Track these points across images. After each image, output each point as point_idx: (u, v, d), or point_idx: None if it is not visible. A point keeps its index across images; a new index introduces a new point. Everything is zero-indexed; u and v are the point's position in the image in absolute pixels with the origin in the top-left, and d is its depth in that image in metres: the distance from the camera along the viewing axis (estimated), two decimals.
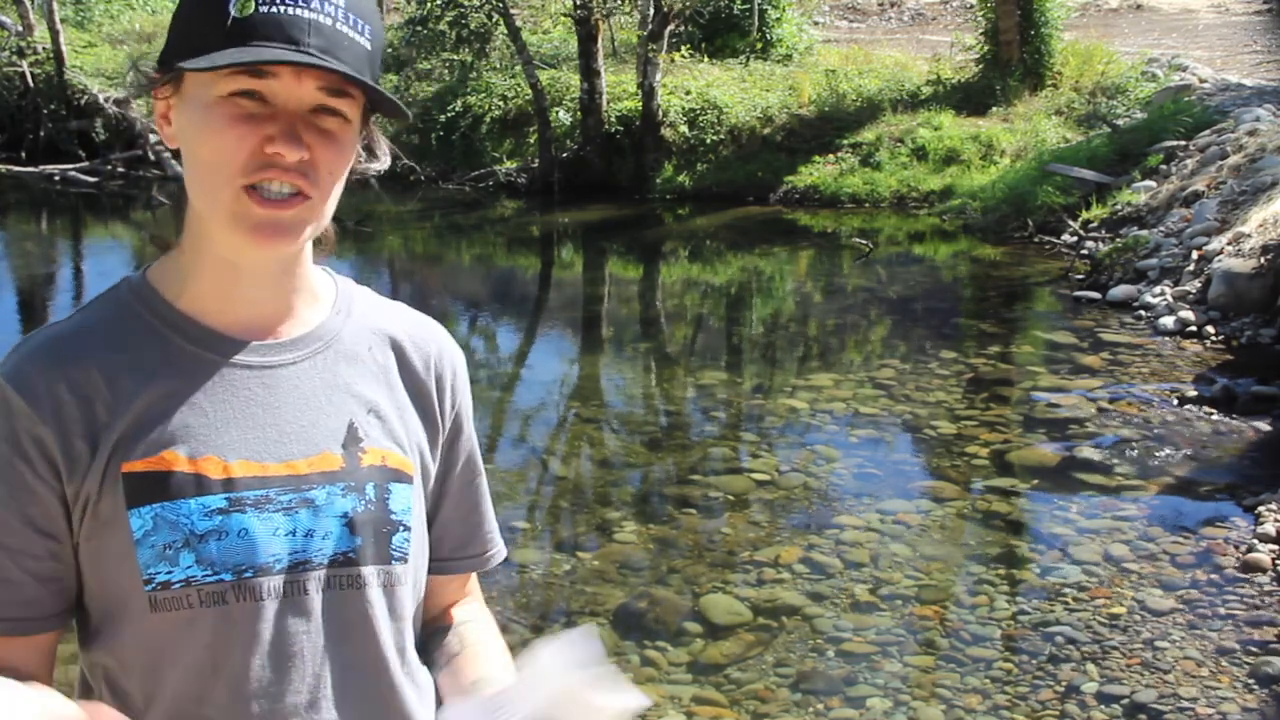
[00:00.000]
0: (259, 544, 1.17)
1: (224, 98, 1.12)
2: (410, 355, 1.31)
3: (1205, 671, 4.04)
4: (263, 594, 1.17)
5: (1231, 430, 6.25)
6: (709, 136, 14.02)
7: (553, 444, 6.56)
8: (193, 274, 1.22)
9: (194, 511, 1.15)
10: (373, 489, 1.23)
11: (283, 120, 1.12)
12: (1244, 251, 8.38)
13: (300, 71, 1.11)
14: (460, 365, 1.37)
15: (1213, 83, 14.38)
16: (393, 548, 1.24)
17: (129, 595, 1.15)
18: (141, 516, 1.14)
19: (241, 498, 1.17)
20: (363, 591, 1.22)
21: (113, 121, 15.51)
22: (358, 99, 1.16)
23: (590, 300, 10.70)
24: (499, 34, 15.93)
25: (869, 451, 6.15)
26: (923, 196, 12.86)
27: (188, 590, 1.15)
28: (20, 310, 9.96)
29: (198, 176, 1.15)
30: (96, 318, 1.22)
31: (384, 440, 1.25)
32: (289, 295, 1.24)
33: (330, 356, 1.26)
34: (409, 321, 1.34)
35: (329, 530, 1.20)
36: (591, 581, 4.70)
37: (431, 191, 14.45)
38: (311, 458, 1.21)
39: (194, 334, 1.21)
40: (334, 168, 1.16)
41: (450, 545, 1.37)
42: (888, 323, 9.05)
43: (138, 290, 1.23)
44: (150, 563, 1.14)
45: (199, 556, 1.15)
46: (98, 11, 19.63)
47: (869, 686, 4.01)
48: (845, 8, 22.67)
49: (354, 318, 1.30)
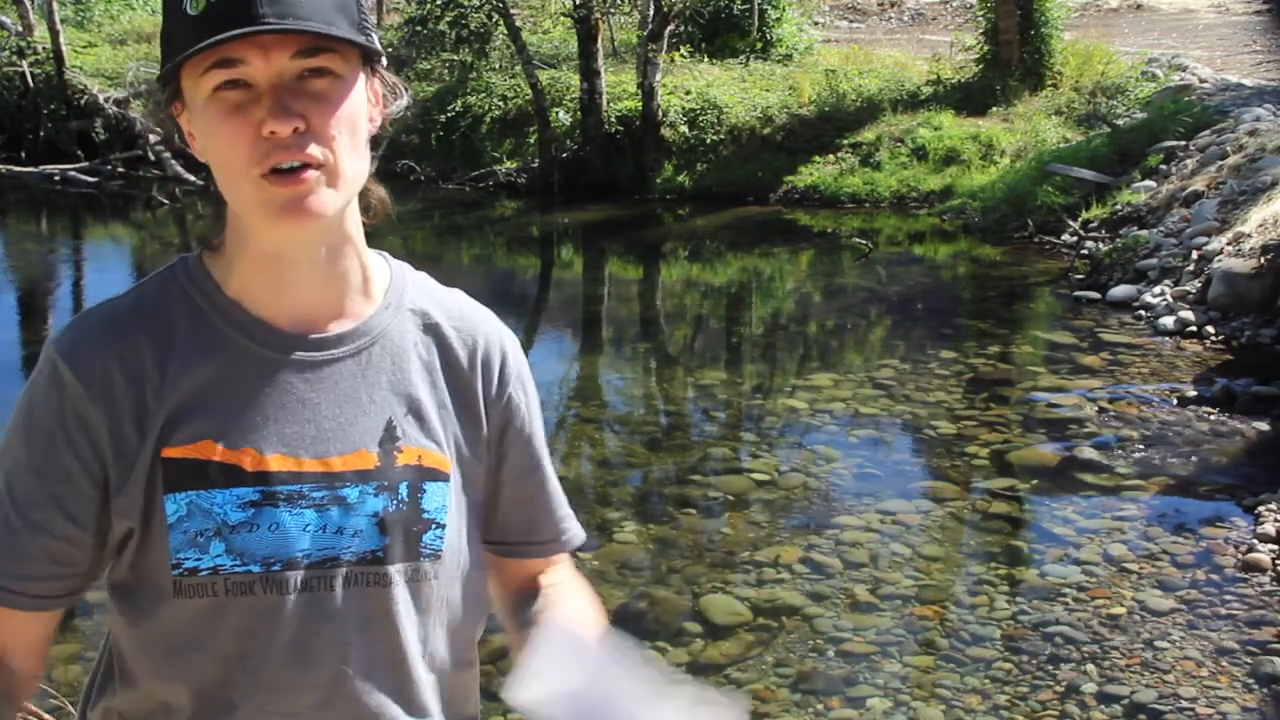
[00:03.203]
0: (289, 538, 1.18)
1: (212, 96, 1.12)
2: (455, 350, 1.31)
3: (1205, 671, 4.04)
4: (289, 587, 1.18)
5: (1231, 430, 6.25)
6: (709, 136, 14.02)
7: (553, 444, 6.51)
8: (240, 267, 1.22)
9: (228, 502, 1.16)
10: (406, 488, 1.24)
11: (267, 99, 1.11)
12: (1244, 251, 8.38)
13: (267, 50, 1.10)
14: (513, 355, 1.36)
15: (1213, 83, 14.37)
16: (423, 544, 1.25)
17: (156, 577, 1.17)
18: (176, 502, 1.16)
19: (275, 492, 1.18)
20: (388, 589, 1.23)
21: (113, 121, 15.49)
22: (343, 50, 1.14)
23: (590, 300, 10.70)
24: (499, 34, 15.93)
25: (869, 451, 6.15)
26: (923, 196, 12.86)
27: (214, 578, 1.16)
28: (20, 310, 9.96)
29: (221, 176, 1.16)
30: (149, 297, 1.22)
31: (421, 439, 1.26)
32: (337, 285, 1.24)
33: (375, 353, 1.26)
34: (459, 313, 1.33)
35: (359, 528, 1.21)
36: (591, 581, 4.68)
37: (431, 191, 14.44)
38: (347, 455, 1.22)
39: (242, 323, 1.21)
40: (338, 125, 1.14)
41: (515, 533, 1.39)
42: (888, 323, 9.05)
43: (191, 273, 1.24)
44: (180, 548, 1.15)
45: (229, 546, 1.16)
46: (98, 11, 19.62)
47: (869, 686, 4.01)
48: (845, 8, 22.66)
49: (402, 311, 1.29)
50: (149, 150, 14.56)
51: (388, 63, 1.25)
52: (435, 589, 1.27)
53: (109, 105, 15.47)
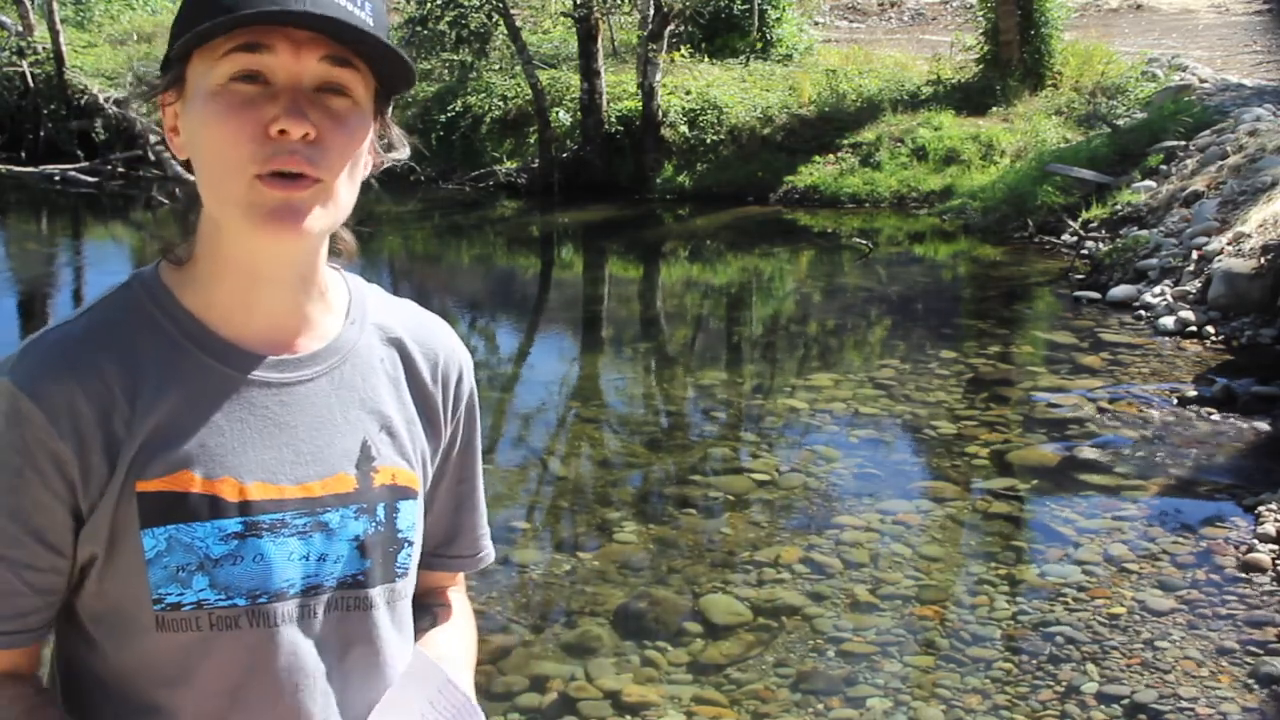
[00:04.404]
0: (274, 569, 1.15)
1: (224, 85, 1.09)
2: (418, 363, 1.29)
3: (1205, 671, 4.04)
4: (276, 619, 1.16)
5: (1231, 430, 6.25)
6: (709, 136, 14.02)
7: (553, 444, 6.56)
8: (209, 283, 1.18)
9: (209, 535, 1.13)
10: (383, 509, 1.22)
11: (284, 98, 1.08)
12: (1244, 251, 8.38)
13: (299, 45, 1.08)
14: (467, 369, 1.35)
15: (1213, 83, 14.37)
16: (397, 565, 1.24)
17: (135, 612, 1.14)
18: (155, 537, 1.12)
19: (258, 522, 1.15)
20: (369, 613, 1.22)
21: (113, 121, 15.50)
22: (364, 73, 1.12)
23: (590, 300, 10.70)
24: (499, 34, 15.93)
25: (869, 451, 6.14)
26: (923, 196, 12.86)
27: (198, 613, 1.13)
28: (20, 310, 9.96)
29: (208, 172, 1.11)
30: (109, 319, 1.16)
31: (394, 457, 1.24)
32: (306, 305, 1.21)
33: (346, 371, 1.23)
34: (417, 325, 1.32)
35: (340, 554, 1.19)
36: (591, 581, 4.70)
37: (431, 191, 14.44)
38: (326, 479, 1.19)
39: (211, 346, 1.17)
40: (345, 150, 1.11)
41: (433, 543, 1.36)
42: (888, 323, 9.05)
43: (151, 292, 1.18)
44: (161, 583, 1.12)
45: (213, 580, 1.13)
46: (98, 11, 19.62)
47: (869, 686, 4.01)
48: (845, 8, 22.66)
49: (367, 326, 1.27)
50: (149, 150, 14.56)
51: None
52: (405, 607, 1.27)
53: (109, 105, 15.48)
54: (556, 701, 3.94)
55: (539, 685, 4.01)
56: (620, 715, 3.87)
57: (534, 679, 4.04)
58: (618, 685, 4.00)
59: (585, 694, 3.97)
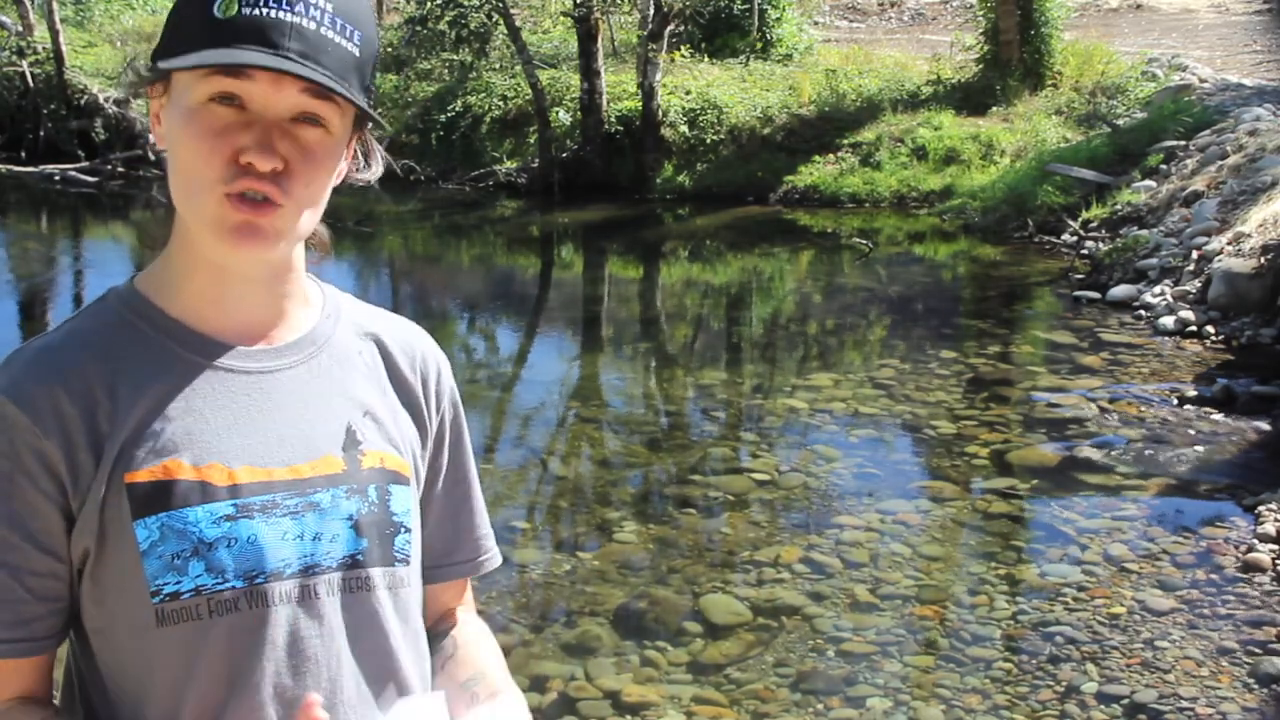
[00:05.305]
0: (268, 549, 1.16)
1: (203, 104, 1.11)
2: (397, 358, 1.32)
3: (1205, 671, 4.04)
4: (274, 599, 1.16)
5: (1231, 430, 6.25)
6: (709, 136, 14.02)
7: (553, 444, 6.56)
8: (183, 279, 1.21)
9: (201, 519, 1.14)
10: (374, 491, 1.23)
11: (258, 130, 1.11)
12: (1244, 251, 8.38)
13: (279, 77, 1.10)
14: (445, 370, 1.37)
15: (1213, 82, 14.37)
16: (395, 549, 1.25)
17: (135, 608, 1.14)
18: (147, 527, 1.13)
19: (249, 504, 1.16)
20: (372, 593, 1.22)
21: (113, 121, 15.51)
22: (343, 104, 1.15)
23: (590, 300, 10.70)
24: (499, 34, 15.94)
25: (869, 451, 6.14)
26: (923, 196, 12.86)
27: (197, 599, 1.13)
28: (20, 311, 9.96)
29: (180, 182, 1.15)
30: (86, 327, 1.20)
31: (381, 442, 1.26)
32: (280, 299, 1.24)
33: (324, 360, 1.26)
34: (392, 325, 1.35)
35: (336, 533, 1.20)
36: (591, 581, 4.70)
37: (431, 191, 14.45)
38: (314, 460, 1.20)
39: (188, 340, 1.20)
40: (310, 180, 1.14)
41: (436, 553, 1.37)
42: (888, 323, 9.05)
43: (126, 299, 1.22)
44: (158, 574, 1.13)
45: (208, 564, 1.14)
46: (98, 11, 19.62)
47: (869, 686, 4.01)
48: (845, 8, 22.66)
49: (343, 322, 1.30)
50: (149, 150, 14.56)
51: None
52: (410, 596, 1.27)
53: (109, 105, 15.49)
54: (556, 701, 3.93)
55: (539, 685, 4.01)
56: (620, 715, 3.87)
57: (534, 679, 4.03)
58: (618, 685, 4.00)
59: (585, 694, 3.97)
